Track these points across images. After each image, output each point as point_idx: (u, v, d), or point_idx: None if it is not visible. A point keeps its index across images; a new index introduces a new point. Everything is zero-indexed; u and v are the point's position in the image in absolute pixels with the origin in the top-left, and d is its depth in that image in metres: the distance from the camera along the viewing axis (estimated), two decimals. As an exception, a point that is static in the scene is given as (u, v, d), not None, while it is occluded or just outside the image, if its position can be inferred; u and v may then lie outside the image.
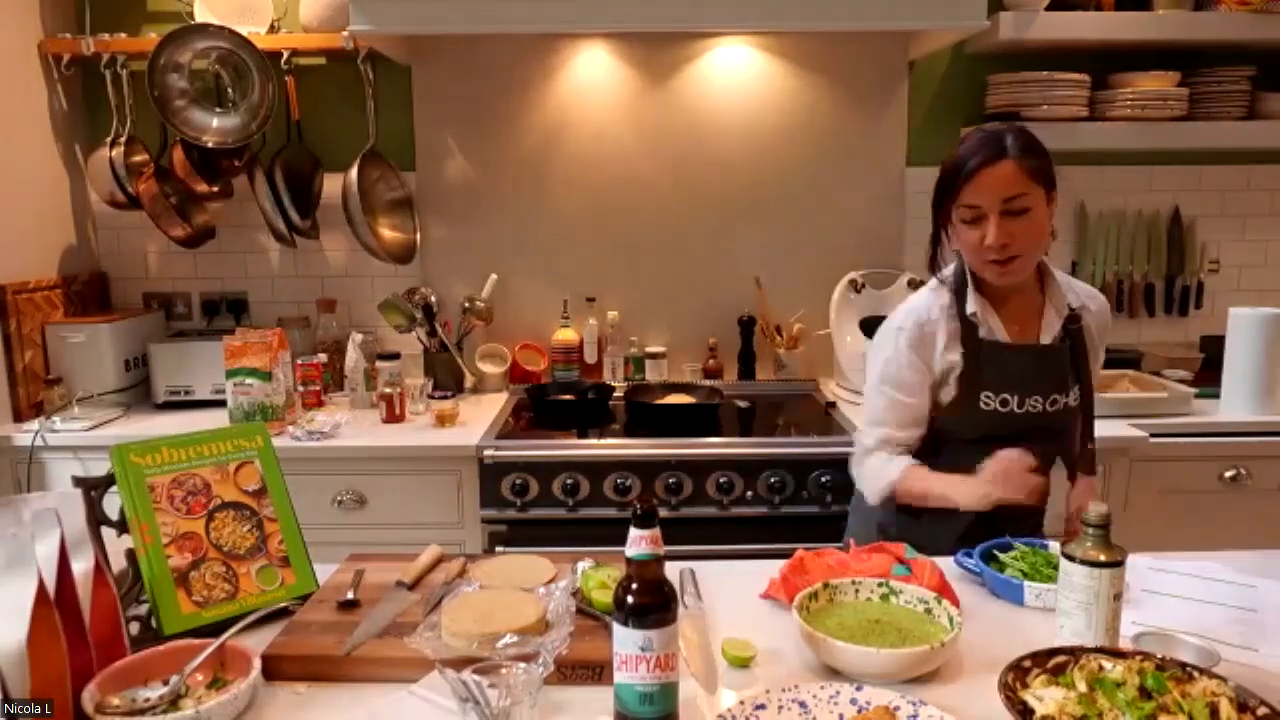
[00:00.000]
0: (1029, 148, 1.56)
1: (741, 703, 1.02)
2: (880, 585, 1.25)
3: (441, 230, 2.85)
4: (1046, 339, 1.65)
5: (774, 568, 1.45)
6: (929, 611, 1.20)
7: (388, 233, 2.77)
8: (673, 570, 1.40)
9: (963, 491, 1.53)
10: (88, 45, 2.56)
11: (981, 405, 1.63)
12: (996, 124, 1.61)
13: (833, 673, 1.11)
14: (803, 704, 1.03)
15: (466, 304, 2.74)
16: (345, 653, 1.14)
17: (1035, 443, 1.56)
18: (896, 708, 1.00)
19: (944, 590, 1.27)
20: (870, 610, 1.22)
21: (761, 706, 1.02)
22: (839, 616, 1.20)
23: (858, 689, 1.05)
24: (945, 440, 1.68)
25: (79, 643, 1.03)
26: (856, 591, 1.25)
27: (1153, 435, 2.24)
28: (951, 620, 1.15)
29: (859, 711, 1.01)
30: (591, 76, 2.77)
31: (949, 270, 1.70)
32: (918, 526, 1.65)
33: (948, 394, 1.66)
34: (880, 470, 1.67)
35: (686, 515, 2.22)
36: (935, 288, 1.70)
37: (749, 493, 2.22)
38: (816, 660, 1.13)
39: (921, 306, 1.68)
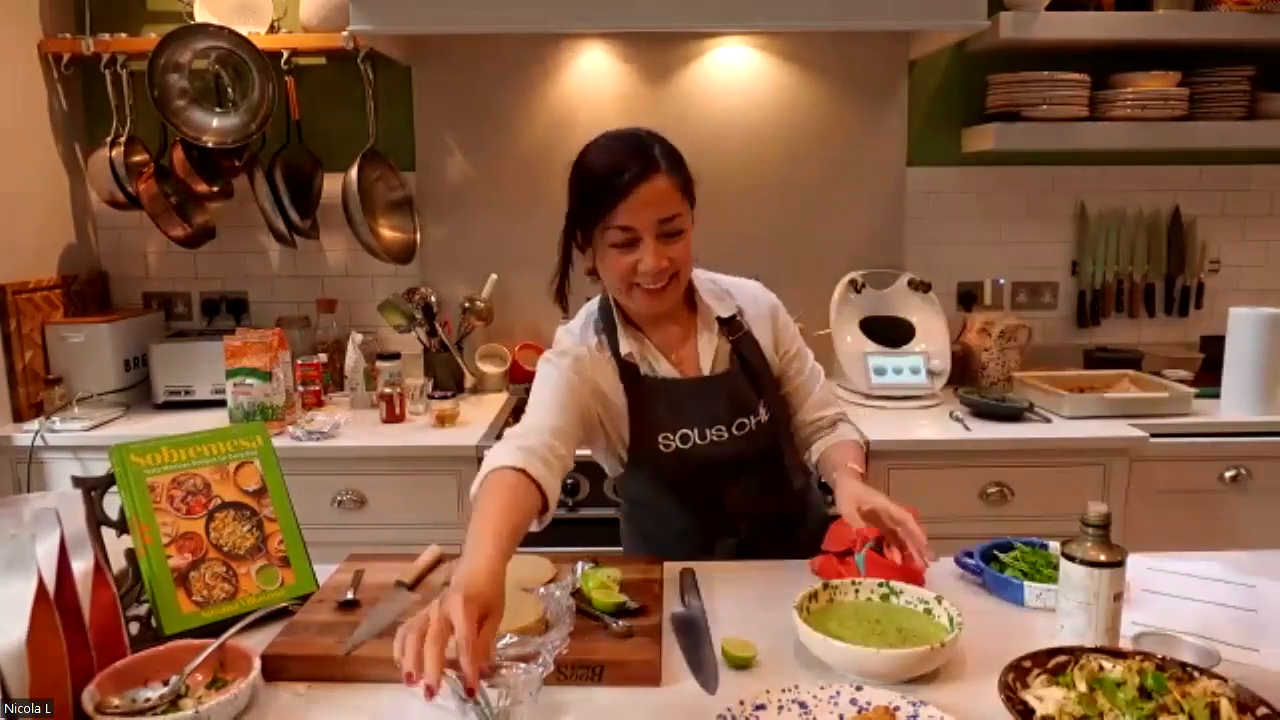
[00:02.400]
0: (677, 159, 1.36)
1: (741, 703, 1.02)
2: (880, 585, 1.25)
3: (441, 230, 2.85)
4: (708, 364, 1.48)
5: (774, 567, 1.45)
6: (929, 612, 1.20)
7: (388, 233, 2.77)
8: (672, 570, 1.40)
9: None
10: (88, 45, 2.56)
11: (662, 448, 1.46)
12: (631, 128, 1.40)
13: (833, 673, 1.11)
14: (803, 704, 1.03)
15: (466, 304, 2.74)
16: (345, 653, 1.13)
17: (739, 472, 1.48)
18: (896, 708, 1.00)
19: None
20: (870, 610, 1.22)
21: (761, 707, 1.02)
22: (839, 616, 1.20)
23: (858, 689, 1.05)
24: (639, 487, 1.56)
25: (79, 643, 1.03)
26: (856, 591, 1.25)
27: (1153, 435, 2.24)
28: (952, 620, 1.15)
29: (859, 711, 1.01)
30: (591, 76, 2.77)
31: (594, 304, 1.53)
32: None
33: (624, 441, 1.49)
34: (487, 462, 1.24)
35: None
36: (584, 325, 1.51)
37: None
38: (816, 660, 1.13)
39: (578, 347, 1.47)
